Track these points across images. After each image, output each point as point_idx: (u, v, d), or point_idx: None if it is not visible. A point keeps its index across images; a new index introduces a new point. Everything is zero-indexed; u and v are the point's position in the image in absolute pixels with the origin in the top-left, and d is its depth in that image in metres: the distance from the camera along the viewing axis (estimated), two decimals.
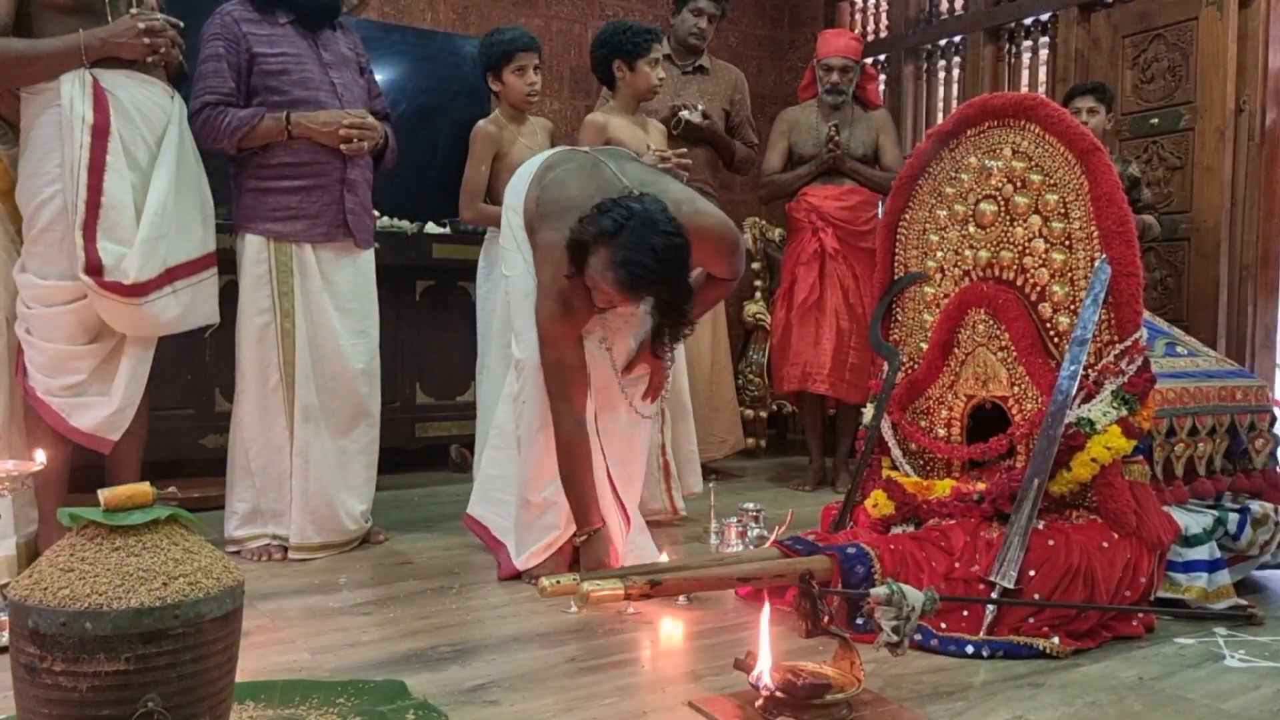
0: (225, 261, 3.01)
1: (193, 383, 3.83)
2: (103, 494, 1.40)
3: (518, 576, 2.69)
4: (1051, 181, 2.51)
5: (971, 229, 2.65)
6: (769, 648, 1.75)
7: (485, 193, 3.44)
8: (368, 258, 3.10)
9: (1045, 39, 4.77)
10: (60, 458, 2.72)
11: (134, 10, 2.65)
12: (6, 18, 2.57)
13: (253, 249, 2.92)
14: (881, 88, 5.35)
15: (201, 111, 2.83)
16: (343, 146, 2.93)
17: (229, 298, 3.00)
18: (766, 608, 1.82)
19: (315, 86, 2.94)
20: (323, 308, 2.95)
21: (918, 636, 2.12)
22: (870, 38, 5.63)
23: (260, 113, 2.86)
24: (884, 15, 5.57)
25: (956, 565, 2.29)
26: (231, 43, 2.87)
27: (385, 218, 4.33)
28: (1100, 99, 3.85)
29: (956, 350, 2.66)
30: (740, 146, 4.28)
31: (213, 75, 2.86)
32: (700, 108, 4.08)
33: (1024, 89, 4.85)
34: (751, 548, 2.82)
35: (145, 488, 1.43)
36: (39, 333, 2.62)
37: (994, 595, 2.19)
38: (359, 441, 3.07)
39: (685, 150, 3.66)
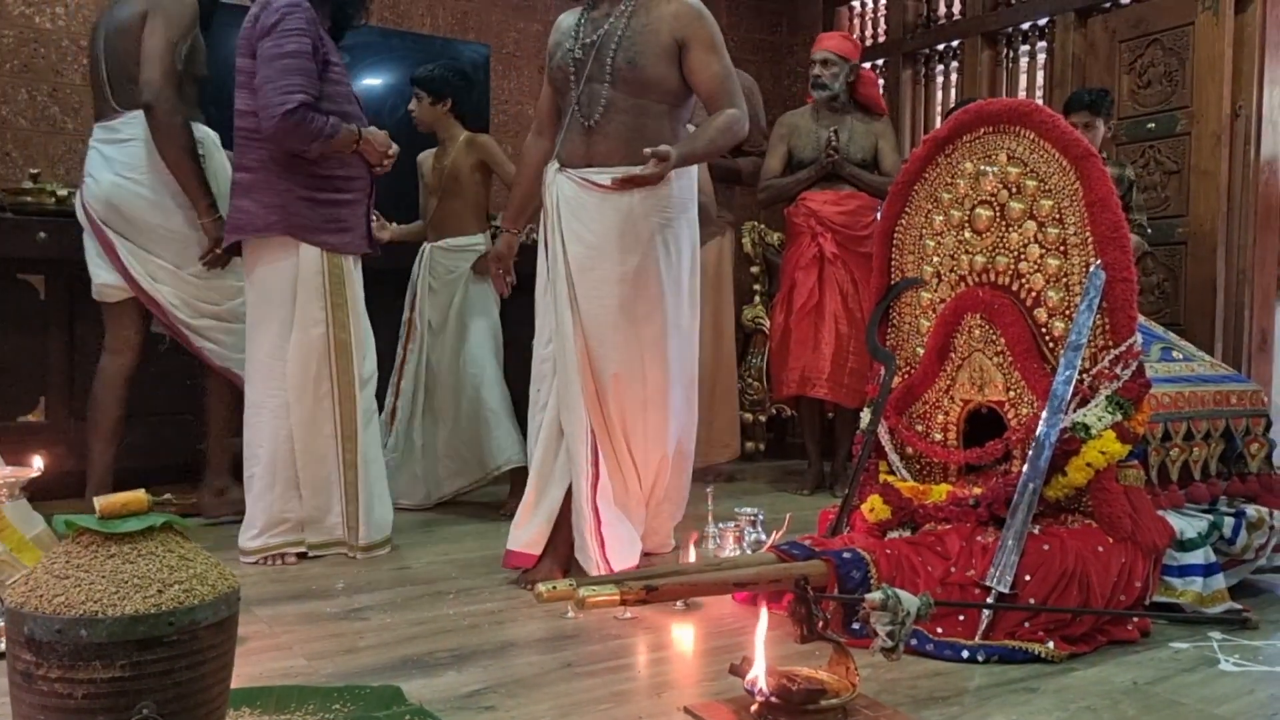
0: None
1: (192, 388, 3.83)
2: (98, 501, 1.41)
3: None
4: (1046, 187, 2.51)
5: (967, 234, 2.66)
6: (764, 653, 1.76)
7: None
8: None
9: (1042, 44, 4.79)
10: None
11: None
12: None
13: (310, 260, 2.90)
14: (880, 93, 5.38)
15: (299, 110, 2.75)
16: (378, 168, 3.03)
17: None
18: (764, 615, 1.83)
19: (353, 100, 3.00)
20: (360, 315, 3.02)
21: (913, 641, 2.13)
22: (869, 42, 5.64)
23: (341, 123, 2.86)
24: (882, 20, 5.58)
25: (952, 570, 2.29)
26: (314, 43, 2.83)
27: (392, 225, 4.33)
28: (1096, 113, 3.83)
29: (953, 355, 2.66)
30: (744, 161, 4.27)
31: (304, 74, 2.78)
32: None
33: (1021, 94, 4.86)
34: (749, 552, 2.82)
35: (140, 495, 1.43)
36: None
37: (989, 600, 2.20)
38: (380, 444, 3.18)
39: None
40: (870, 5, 5.68)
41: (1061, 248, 2.49)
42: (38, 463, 2.38)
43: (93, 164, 3.18)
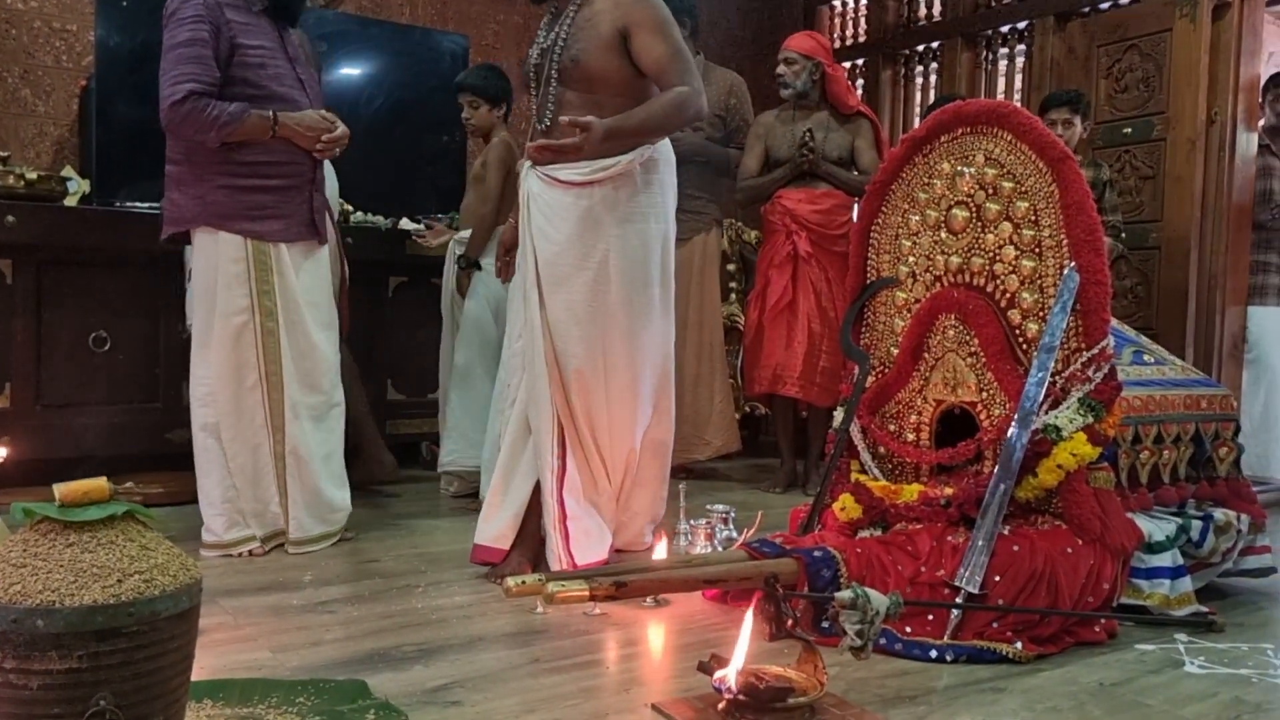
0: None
1: (159, 377, 3.80)
2: (58, 489, 1.38)
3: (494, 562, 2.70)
4: (1023, 189, 2.52)
5: (943, 235, 2.66)
6: (745, 652, 1.75)
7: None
8: (324, 252, 3.09)
9: (1021, 47, 4.81)
10: None
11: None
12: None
13: (230, 248, 2.84)
14: (860, 93, 5.39)
15: (187, 101, 2.70)
16: (316, 151, 2.94)
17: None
18: (749, 618, 1.81)
19: (288, 83, 2.92)
20: (298, 305, 2.94)
21: (882, 640, 2.13)
22: (849, 42, 5.66)
23: (247, 109, 2.78)
24: (863, 20, 5.59)
25: (922, 569, 2.29)
26: (214, 28, 2.75)
27: (359, 213, 4.31)
28: (1075, 110, 3.87)
29: (926, 355, 2.67)
30: (737, 153, 4.26)
31: (196, 61, 2.73)
32: None
33: (1000, 96, 4.88)
34: (720, 549, 2.82)
35: (102, 483, 1.40)
36: None
37: (959, 600, 2.20)
38: (335, 432, 3.09)
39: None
40: (851, 5, 5.69)
41: (1037, 249, 2.50)
42: (0, 450, 2.35)
43: None
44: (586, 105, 2.59)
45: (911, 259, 2.73)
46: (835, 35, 5.79)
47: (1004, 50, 4.90)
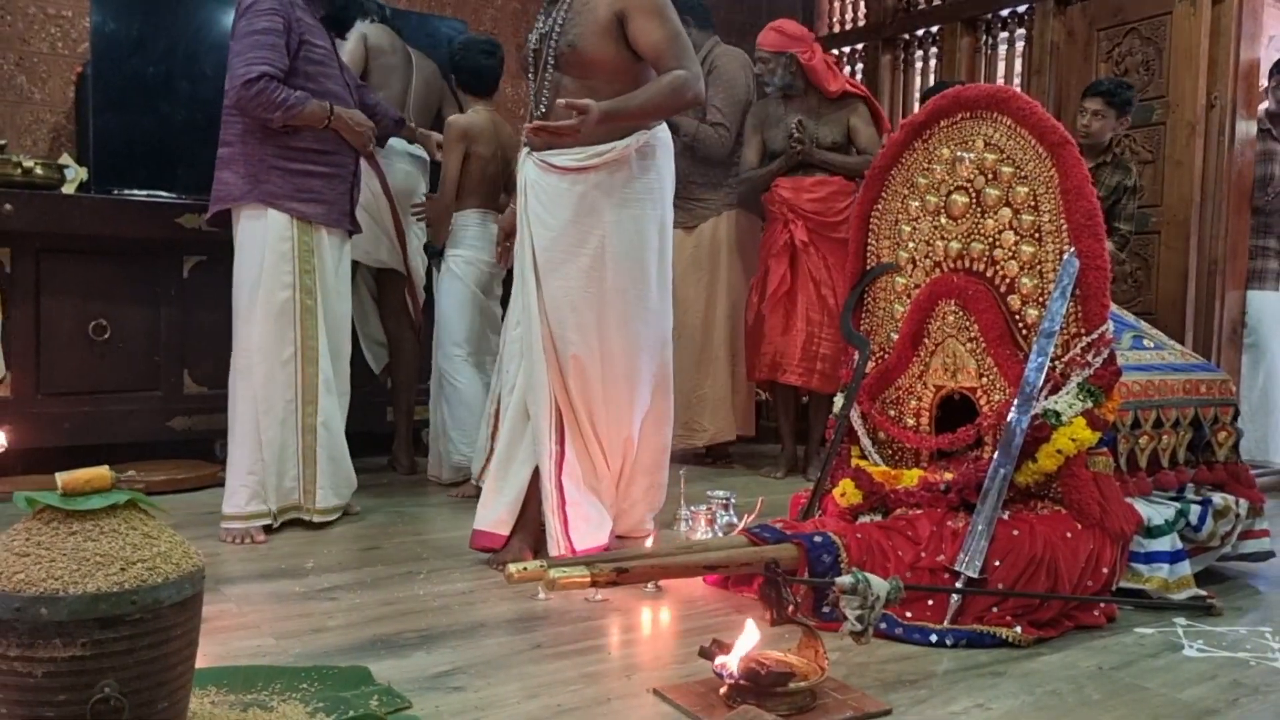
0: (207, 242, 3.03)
1: (160, 364, 3.80)
2: (60, 478, 1.38)
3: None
4: (1022, 174, 2.52)
5: (943, 220, 2.66)
6: (754, 641, 1.77)
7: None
8: (349, 247, 3.29)
9: (1021, 31, 4.79)
10: None
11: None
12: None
13: (278, 226, 2.99)
14: (859, 78, 5.37)
15: (260, 80, 2.87)
16: (361, 146, 3.17)
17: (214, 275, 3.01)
18: (750, 625, 1.82)
19: (339, 85, 3.14)
20: (332, 287, 3.13)
21: (882, 625, 2.14)
22: (848, 26, 5.63)
23: (309, 97, 2.97)
24: (862, 4, 5.57)
25: (922, 554, 2.30)
26: (287, 23, 2.95)
27: None
28: (1110, 102, 3.78)
29: (926, 341, 2.67)
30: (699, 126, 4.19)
31: (272, 49, 2.91)
32: None
33: (1000, 81, 4.86)
34: (720, 535, 2.83)
35: (104, 472, 1.41)
36: None
37: (959, 585, 2.21)
38: (344, 410, 3.27)
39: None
40: None
41: (1036, 235, 2.50)
42: (0, 438, 2.35)
43: None
44: (583, 91, 2.58)
45: (911, 244, 2.73)
46: (834, 20, 5.77)
47: (1004, 34, 4.88)
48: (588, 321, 2.65)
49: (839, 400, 2.81)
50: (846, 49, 5.60)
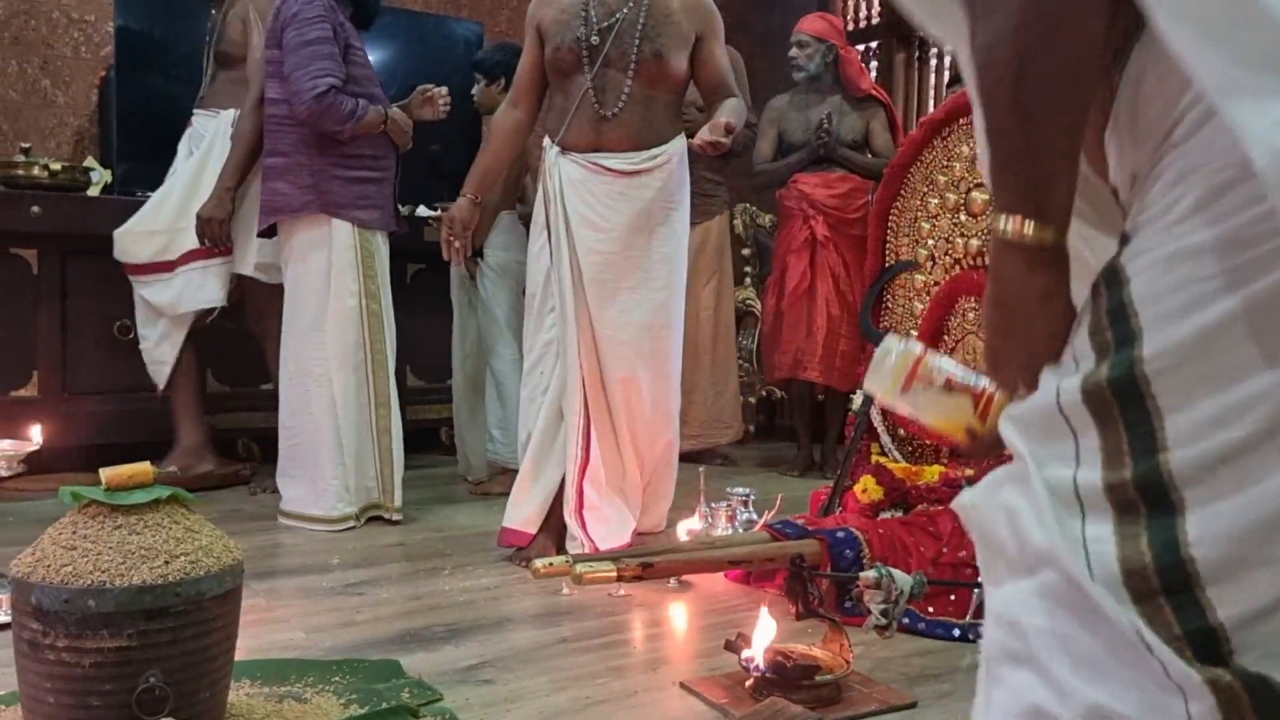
0: None
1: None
2: (104, 473, 1.42)
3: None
4: None
5: (963, 217, 2.67)
6: (771, 631, 1.78)
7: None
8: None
9: None
10: None
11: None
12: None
13: (343, 235, 3.03)
14: (873, 75, 5.37)
15: (329, 94, 2.88)
16: (402, 146, 3.18)
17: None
18: (765, 611, 1.84)
19: (376, 83, 3.13)
20: (388, 289, 3.18)
21: (905, 620, 2.15)
22: (863, 24, 5.64)
23: (369, 104, 2.99)
24: (876, 1, 5.57)
25: (944, 550, 2.32)
26: (333, 28, 2.95)
27: None
28: None
29: (946, 338, 2.68)
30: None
31: (330, 58, 2.91)
32: None
33: None
34: (741, 532, 2.84)
35: (146, 467, 1.44)
36: None
37: (981, 580, 2.22)
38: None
39: None
40: None
41: None
42: (36, 435, 2.38)
43: None
44: (647, 100, 2.62)
45: (930, 242, 2.75)
46: (848, 17, 5.78)
47: None
48: (641, 341, 2.67)
49: (857, 397, 2.83)
50: (861, 46, 5.61)
